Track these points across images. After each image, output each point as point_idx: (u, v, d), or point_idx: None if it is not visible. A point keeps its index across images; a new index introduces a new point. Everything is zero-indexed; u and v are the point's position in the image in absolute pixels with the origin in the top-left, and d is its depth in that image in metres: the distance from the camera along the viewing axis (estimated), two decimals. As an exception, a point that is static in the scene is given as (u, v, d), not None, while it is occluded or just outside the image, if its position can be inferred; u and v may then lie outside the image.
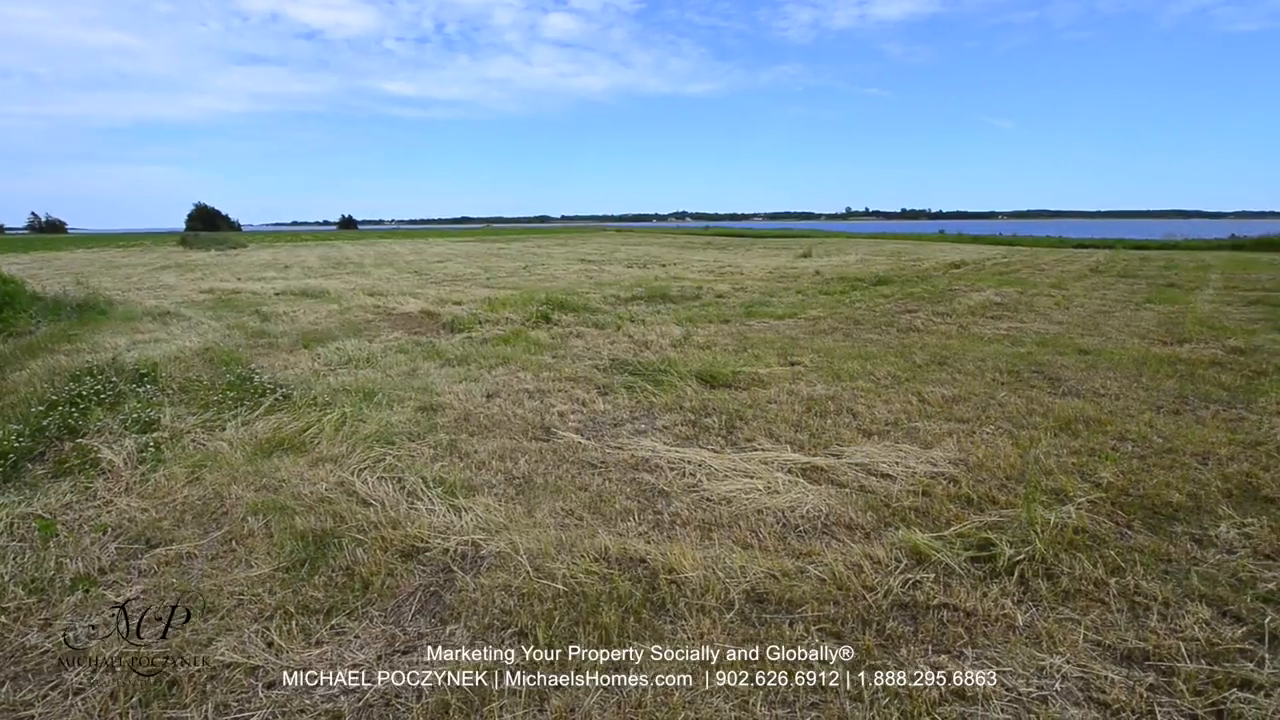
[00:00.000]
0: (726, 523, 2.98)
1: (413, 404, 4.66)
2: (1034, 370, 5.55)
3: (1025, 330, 7.51)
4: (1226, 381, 5.13)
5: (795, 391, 4.96)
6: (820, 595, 2.42)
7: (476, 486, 3.35)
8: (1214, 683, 1.99)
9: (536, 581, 2.49)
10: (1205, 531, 2.82)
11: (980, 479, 3.34)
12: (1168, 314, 8.67)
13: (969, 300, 9.80)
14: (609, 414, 4.54)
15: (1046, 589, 2.44)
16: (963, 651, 2.14)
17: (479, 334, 7.46)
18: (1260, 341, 6.67)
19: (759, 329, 7.78)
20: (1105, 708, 1.91)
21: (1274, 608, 2.31)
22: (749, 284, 12.86)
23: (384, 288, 12.43)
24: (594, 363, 5.97)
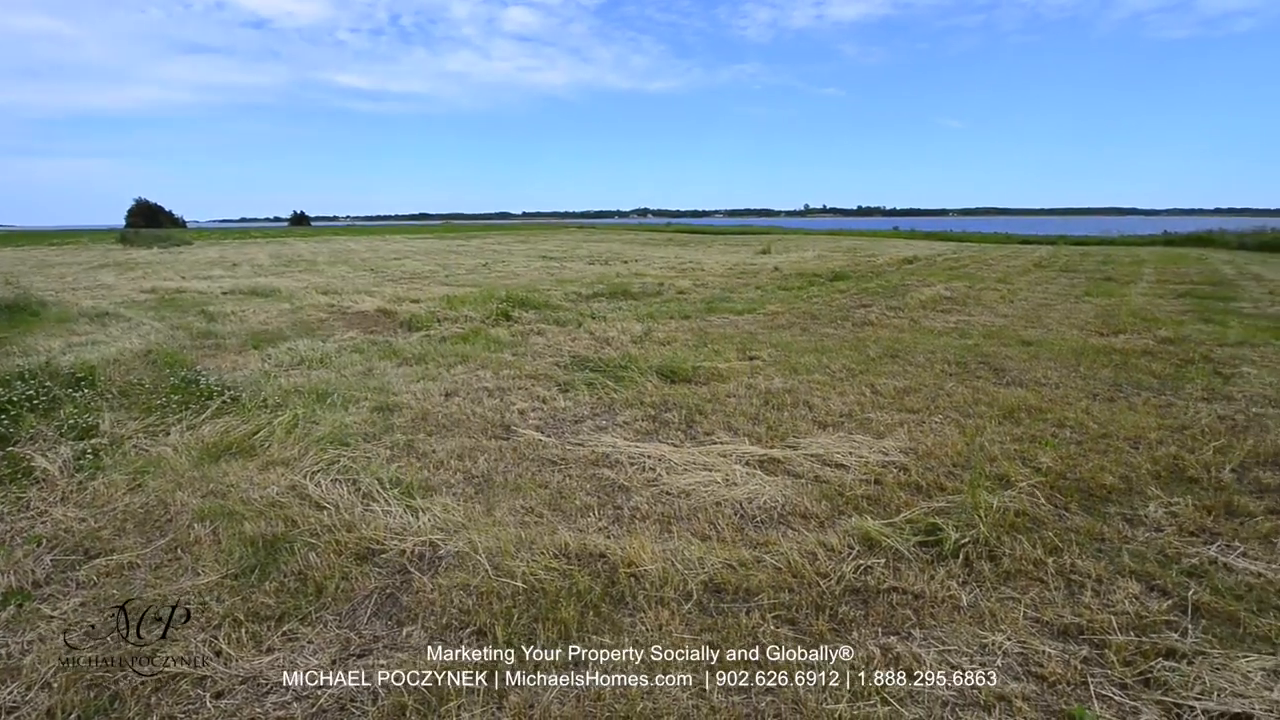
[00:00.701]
0: (685, 515, 3.02)
1: (368, 404, 4.57)
2: (980, 361, 5.78)
3: (973, 323, 7.81)
4: (1157, 370, 5.44)
5: (754, 385, 5.04)
6: (776, 583, 2.47)
7: (434, 486, 3.31)
8: (1142, 653, 2.11)
9: (496, 580, 2.48)
10: (1136, 511, 2.99)
11: (929, 467, 3.47)
12: (1104, 306, 9.13)
13: (920, 295, 10.12)
14: (570, 411, 4.53)
15: (989, 570, 2.55)
16: (911, 632, 2.22)
17: (437, 332, 7.34)
18: (1188, 332, 7.09)
19: (719, 324, 7.87)
20: (1043, 680, 2.02)
21: (1197, 581, 2.47)
22: (710, 280, 12.98)
23: (338, 286, 12.10)
24: (555, 360, 5.95)
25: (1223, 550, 2.66)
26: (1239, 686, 1.96)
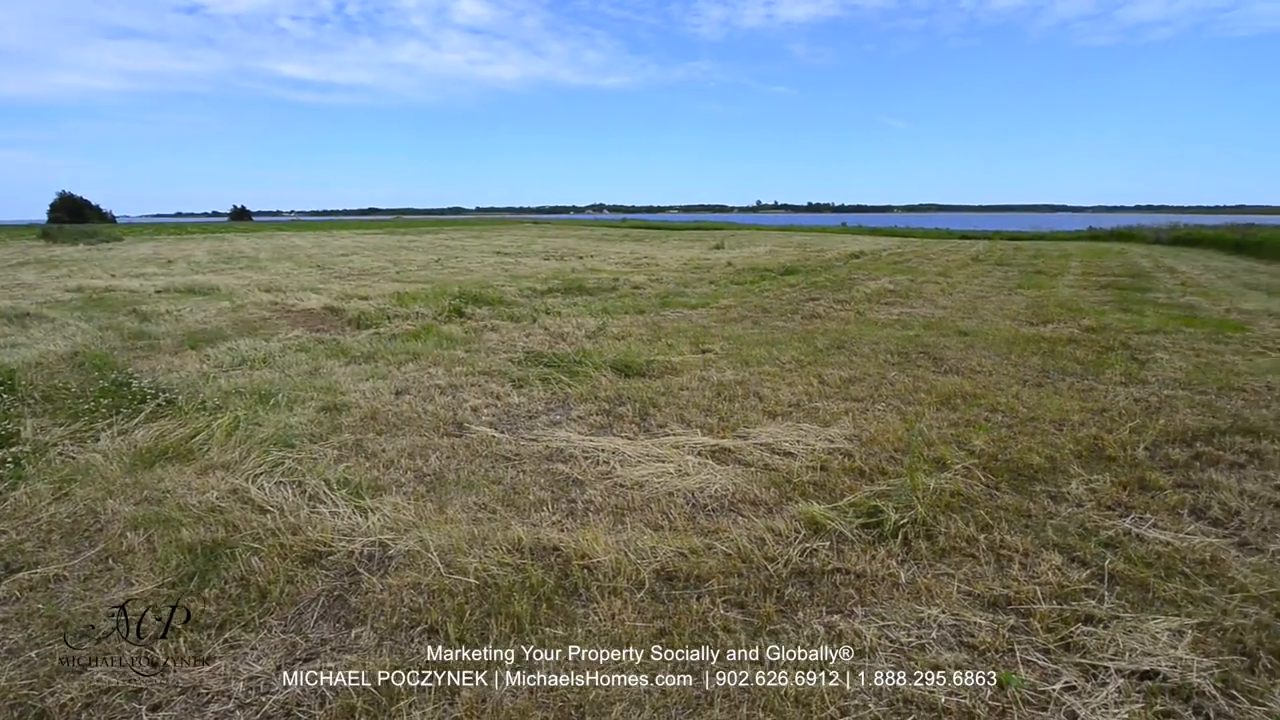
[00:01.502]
0: (639, 506, 3.06)
1: (315, 404, 4.44)
2: (921, 351, 6.03)
3: (914, 315, 8.12)
4: (1081, 357, 5.79)
5: (706, 378, 5.13)
6: (726, 569, 2.54)
7: (384, 486, 3.25)
8: (1063, 620, 2.26)
9: (448, 577, 2.47)
10: (1059, 489, 3.18)
11: (872, 452, 3.61)
12: (1035, 298, 9.63)
13: (866, 288, 10.46)
14: (524, 407, 4.51)
15: (926, 548, 2.68)
16: (853, 610, 2.32)
17: (388, 329, 7.18)
18: (1109, 321, 7.56)
19: (673, 319, 7.95)
20: (974, 650, 2.14)
21: (1113, 551, 2.65)
22: (664, 275, 13.07)
23: (282, 283, 11.67)
24: (509, 356, 5.91)
25: (1136, 522, 2.86)
26: (1148, 646, 2.12)
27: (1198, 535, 2.75)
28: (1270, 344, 6.40)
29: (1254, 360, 5.71)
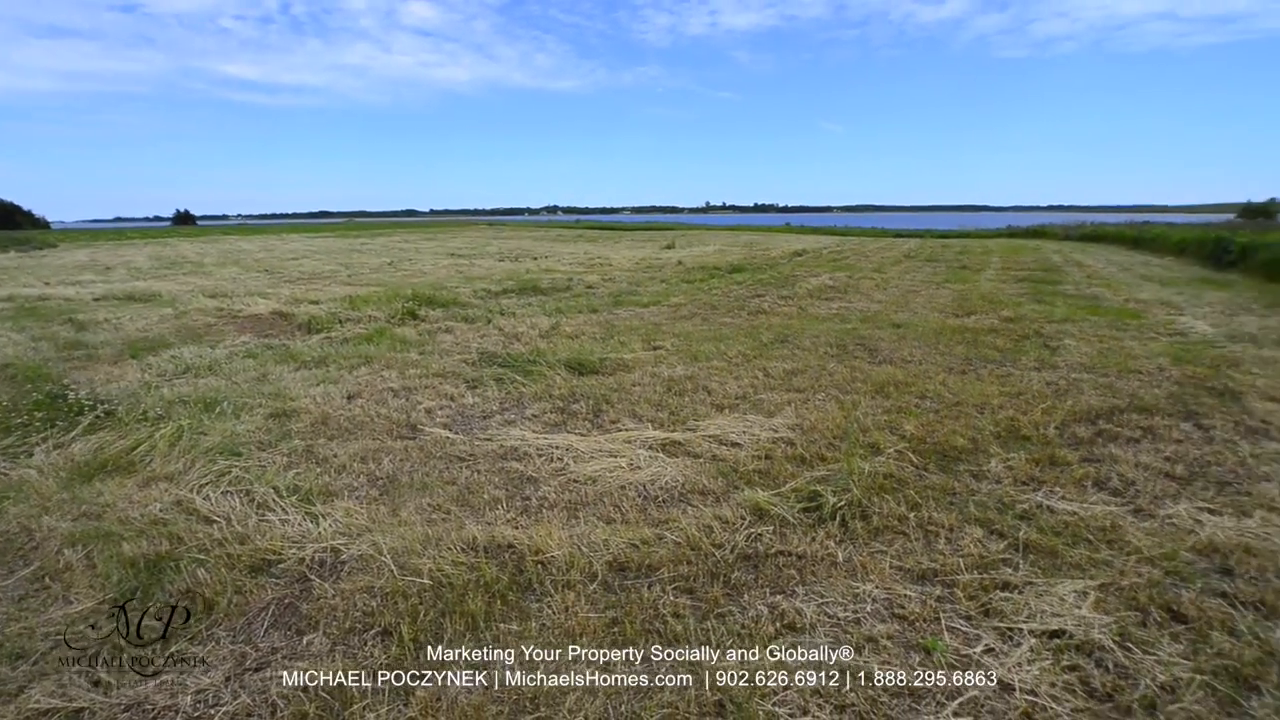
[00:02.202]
0: (592, 501, 3.14)
1: (263, 411, 4.34)
2: (858, 343, 6.32)
3: (852, 309, 8.48)
4: (1000, 345, 6.20)
5: (657, 374, 5.25)
6: (676, 557, 2.65)
7: (336, 491, 3.23)
8: (983, 588, 2.46)
9: (401, 579, 2.49)
10: (980, 467, 3.43)
11: (813, 440, 3.79)
12: (960, 291, 10.19)
13: (808, 284, 10.84)
14: (478, 407, 4.53)
15: (862, 528, 2.86)
16: (795, 590, 2.47)
17: (339, 333, 7.03)
18: (1025, 312, 8.10)
19: (625, 317, 8.05)
20: (904, 620, 2.31)
21: (1027, 523, 2.89)
22: (617, 275, 13.16)
23: (229, 288, 11.22)
24: (463, 357, 5.89)
25: (1047, 495, 3.12)
26: (1057, 608, 2.33)
27: (1099, 505, 3.02)
28: (1161, 330, 7.00)
29: (1148, 345, 6.24)
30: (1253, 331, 6.87)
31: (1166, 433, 3.88)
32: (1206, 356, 5.68)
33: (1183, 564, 2.57)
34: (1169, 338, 6.57)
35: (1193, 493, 3.15)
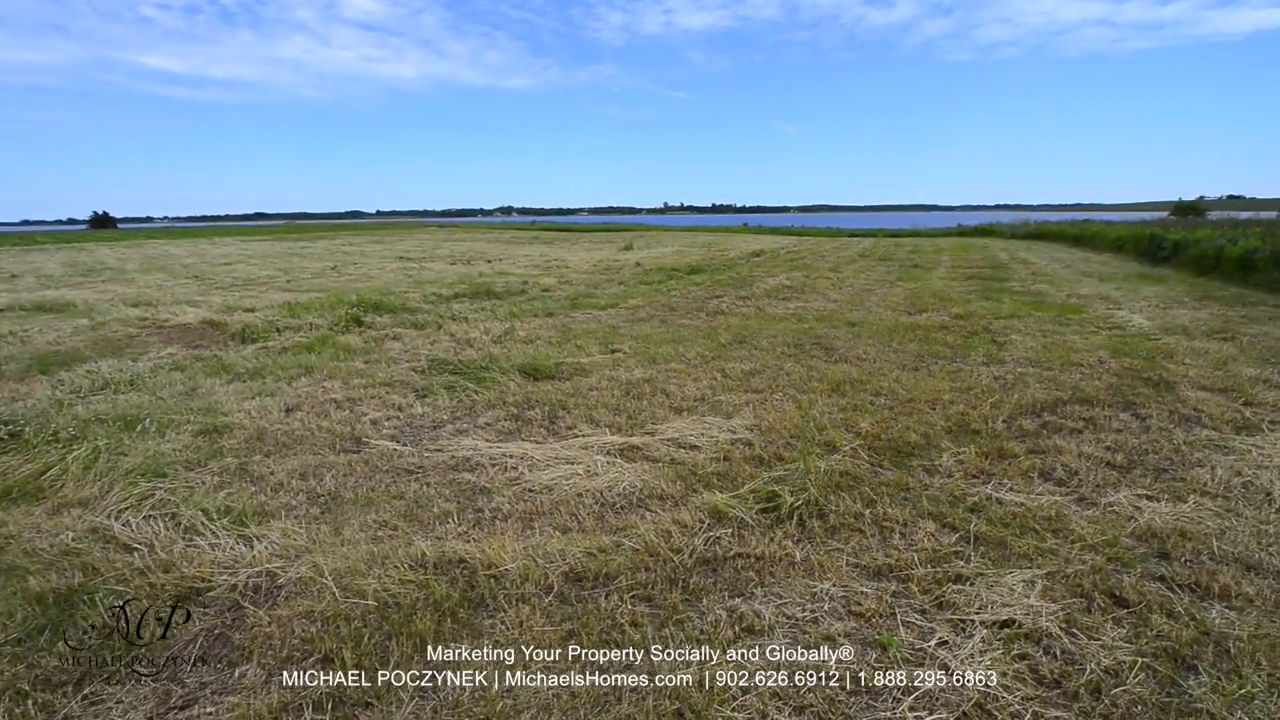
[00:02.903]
0: (547, 510, 3.06)
1: (191, 428, 4.09)
2: (814, 342, 6.40)
3: (808, 308, 8.61)
4: (950, 342, 6.37)
5: (615, 377, 5.18)
6: (634, 564, 2.59)
7: (272, 511, 3.05)
8: (937, 581, 2.48)
9: (344, 602, 2.36)
10: (933, 462, 3.49)
11: (770, 440, 3.79)
12: (912, 290, 10.49)
13: (766, 284, 10.97)
14: (428, 417, 4.38)
15: (819, 526, 2.86)
16: (753, 592, 2.44)
17: (277, 343, 6.72)
18: (974, 309, 8.37)
19: (583, 320, 7.97)
20: (861, 618, 2.30)
21: (977, 515, 2.94)
22: (574, 277, 13.05)
23: (153, 296, 10.62)
24: (412, 365, 5.70)
25: (996, 487, 3.19)
26: (1006, 598, 2.37)
27: (1045, 495, 3.11)
28: (1101, 324, 7.34)
29: (1089, 338, 6.52)
30: (1185, 324, 7.26)
31: (1107, 423, 4.03)
32: (1143, 349, 5.96)
33: (1123, 550, 2.65)
34: (1108, 331, 6.88)
35: (1132, 480, 3.27)
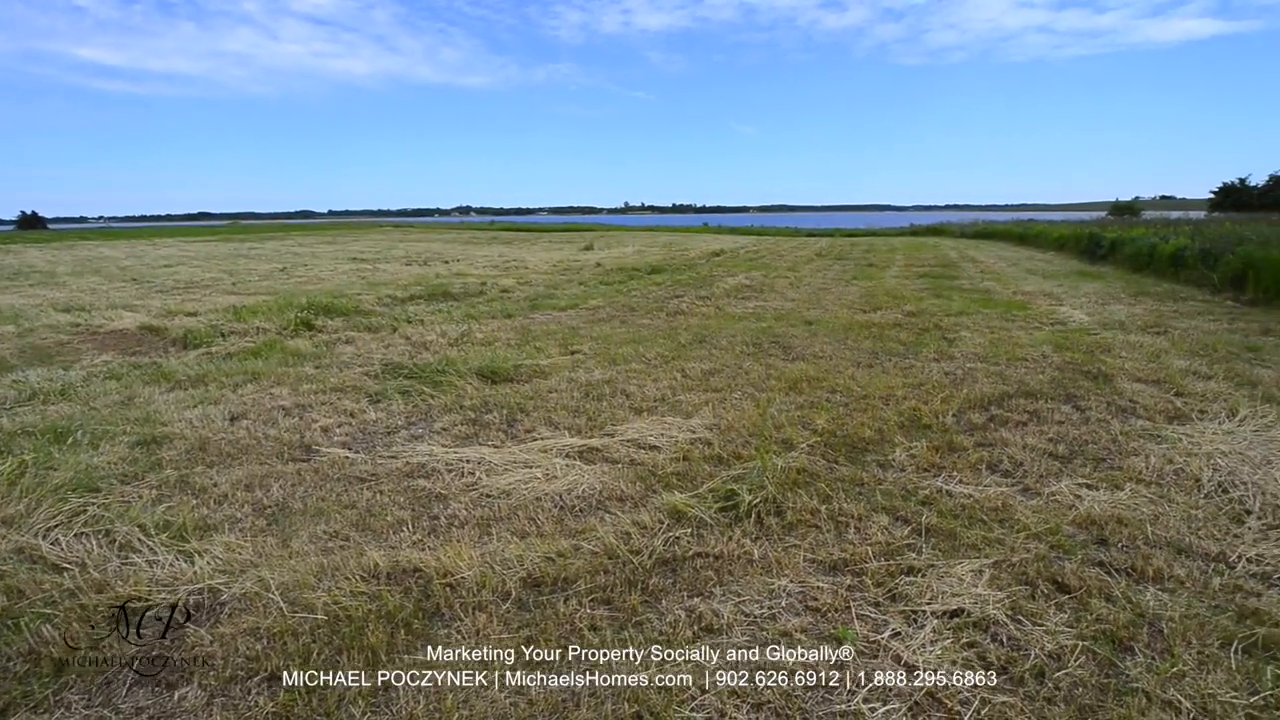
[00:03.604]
0: (505, 516, 3.01)
1: (128, 439, 3.89)
2: (772, 341, 6.50)
3: (767, 308, 8.73)
4: (903, 339, 6.55)
5: (575, 379, 5.15)
6: (593, 568, 2.57)
7: (215, 524, 2.92)
8: (890, 574, 2.54)
9: (292, 617, 2.27)
10: (886, 457, 3.57)
11: (729, 439, 3.83)
12: (867, 288, 10.75)
13: (725, 284, 11.08)
14: (381, 422, 4.26)
15: (776, 524, 2.89)
16: (712, 591, 2.45)
17: (221, 348, 6.45)
18: (925, 306, 8.63)
19: (542, 321, 7.90)
20: (817, 612, 2.34)
21: (928, 508, 3.02)
22: (534, 278, 12.93)
23: (86, 301, 10.07)
24: (365, 370, 5.55)
25: (946, 480, 3.29)
26: (956, 588, 2.44)
27: (992, 486, 3.21)
28: (1045, 319, 7.66)
29: (1033, 334, 6.79)
30: (1122, 319, 7.63)
31: (1049, 415, 4.20)
32: (1083, 343, 6.23)
33: (1065, 538, 2.76)
34: (1051, 327, 7.18)
35: (1073, 470, 3.41)
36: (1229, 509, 3.00)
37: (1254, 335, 6.73)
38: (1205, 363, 5.48)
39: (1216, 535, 2.78)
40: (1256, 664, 2.03)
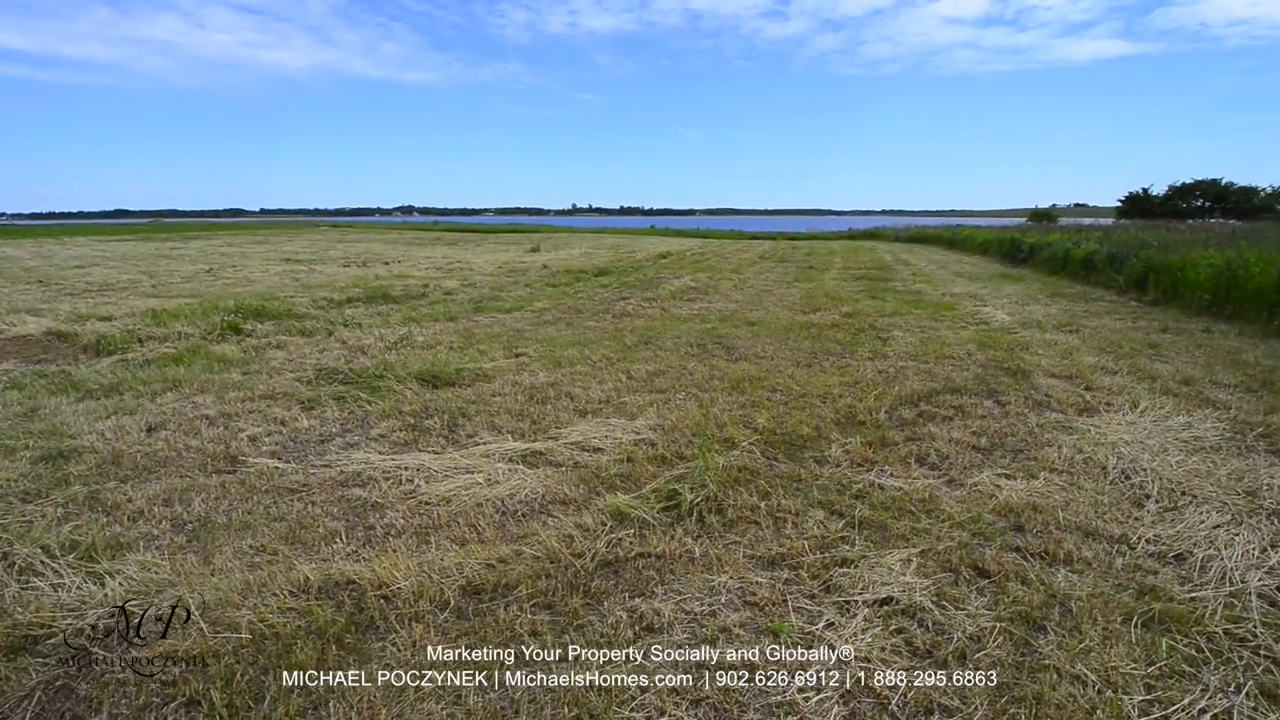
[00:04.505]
0: (445, 523, 2.95)
1: (30, 454, 3.61)
2: (716, 342, 6.61)
3: (711, 309, 8.88)
4: (840, 339, 6.79)
5: (519, 382, 5.09)
6: (534, 572, 2.55)
7: (129, 543, 2.75)
8: (825, 566, 2.62)
9: (214, 638, 2.16)
10: (823, 453, 3.69)
11: (673, 439, 3.87)
12: (807, 290, 11.09)
13: (671, 286, 11.21)
14: (315, 430, 4.10)
15: (717, 521, 2.94)
16: (654, 591, 2.47)
17: (138, 355, 6.06)
18: (862, 307, 8.97)
19: (486, 324, 7.77)
20: (756, 607, 2.39)
21: (861, 501, 3.13)
22: (479, 280, 12.71)
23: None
24: (297, 375, 5.32)
25: (878, 474, 3.42)
26: (886, 577, 2.54)
27: (921, 479, 3.37)
28: (970, 319, 8.10)
29: (959, 333, 7.16)
30: (1039, 318, 8.14)
31: (973, 410, 4.44)
32: (1004, 341, 6.61)
33: (986, 525, 2.92)
34: (976, 326, 7.58)
35: (993, 461, 3.61)
36: (1131, 494, 3.24)
37: (1154, 333, 7.30)
38: (1112, 359, 5.91)
39: (1120, 519, 3.00)
40: (1154, 636, 2.20)
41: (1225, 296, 8.53)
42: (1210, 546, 2.75)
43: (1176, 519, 2.99)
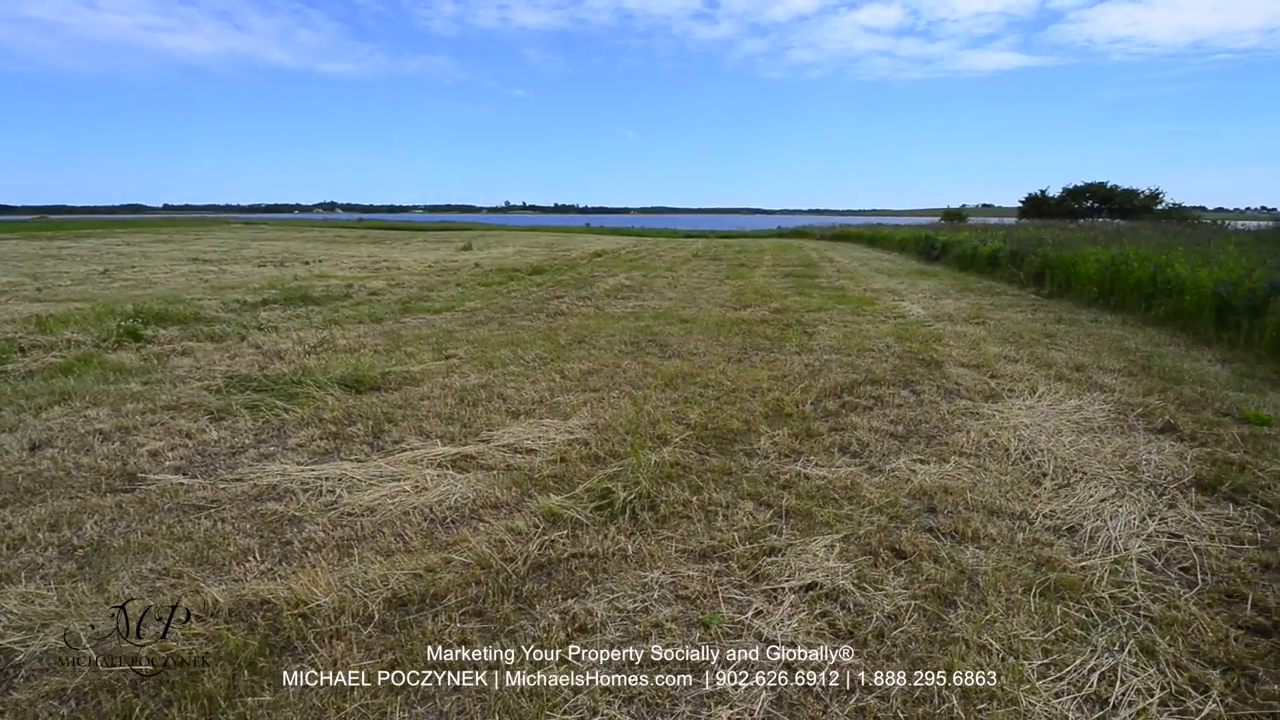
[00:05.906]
0: (369, 534, 2.84)
1: (-118, 482, 3.21)
2: (650, 339, 6.66)
3: (645, 307, 8.95)
4: (769, 334, 6.99)
5: (449, 385, 4.96)
6: (464, 580, 2.50)
7: (8, 574, 2.50)
8: (753, 557, 2.69)
9: (108, 673, 2.00)
10: (752, 446, 3.79)
11: (607, 438, 3.87)
12: (738, 287, 11.36)
13: (606, 284, 11.21)
14: (225, 442, 3.85)
15: (650, 518, 2.97)
16: (587, 591, 2.46)
17: (19, 366, 5.51)
18: (790, 303, 9.27)
19: (415, 325, 7.52)
20: (688, 600, 2.43)
21: (788, 491, 3.23)
22: (407, 280, 12.29)
23: None
24: (205, 384, 4.98)
25: (804, 464, 3.55)
26: (811, 563, 2.64)
27: (843, 467, 3.52)
28: (889, 314, 8.52)
29: (879, 327, 7.53)
30: (950, 312, 8.65)
31: (891, 399, 4.67)
32: (919, 334, 6.98)
33: (902, 509, 3.08)
34: (894, 320, 7.97)
35: (909, 448, 3.81)
36: (1030, 473, 3.50)
37: (1050, 323, 7.91)
38: (1014, 348, 6.36)
39: (1020, 496, 3.23)
40: (1050, 604, 2.38)
41: (1110, 289, 9.35)
42: (1098, 519, 3.01)
43: (1069, 495, 3.25)
